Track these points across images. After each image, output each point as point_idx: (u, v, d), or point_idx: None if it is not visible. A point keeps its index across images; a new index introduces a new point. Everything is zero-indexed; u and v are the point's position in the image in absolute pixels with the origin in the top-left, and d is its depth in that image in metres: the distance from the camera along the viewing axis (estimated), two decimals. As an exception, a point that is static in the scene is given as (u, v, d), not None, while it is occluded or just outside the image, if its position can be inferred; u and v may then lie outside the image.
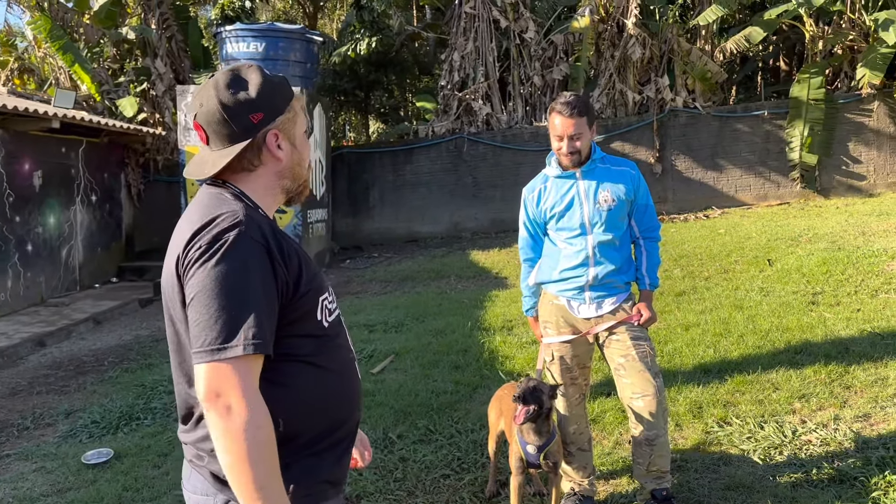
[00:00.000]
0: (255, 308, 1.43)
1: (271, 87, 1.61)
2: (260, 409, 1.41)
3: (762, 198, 13.55)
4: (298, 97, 1.67)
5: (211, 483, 1.53)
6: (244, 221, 1.49)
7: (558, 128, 3.15)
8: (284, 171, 1.66)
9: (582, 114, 3.12)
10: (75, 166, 11.37)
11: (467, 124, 14.36)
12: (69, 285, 11.10)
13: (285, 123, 1.64)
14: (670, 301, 7.00)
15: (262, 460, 1.39)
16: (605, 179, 3.22)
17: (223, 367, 1.40)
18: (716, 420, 4.18)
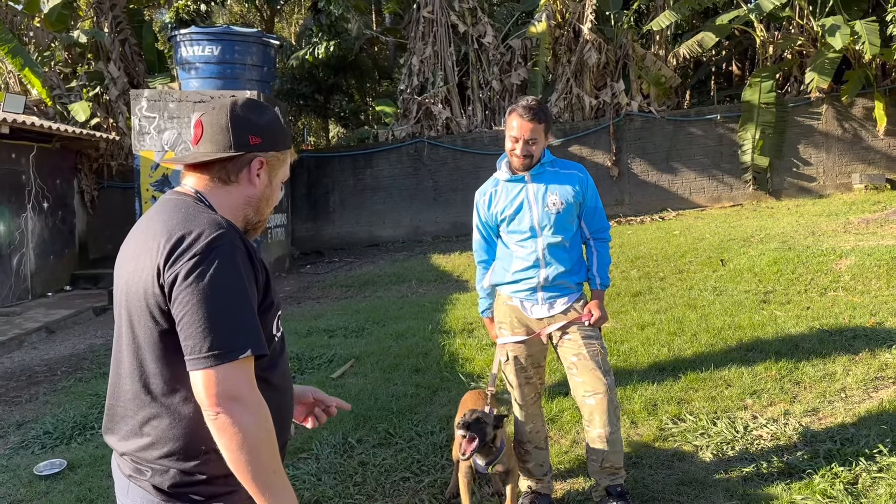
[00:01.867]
0: (249, 311, 1.52)
1: (279, 127, 1.74)
2: (264, 404, 1.52)
3: (716, 200, 13.84)
4: (292, 153, 1.80)
5: (154, 496, 1.55)
6: (229, 230, 1.55)
7: (516, 129, 3.19)
8: (252, 200, 1.71)
9: (541, 120, 3.18)
10: (26, 172, 11.10)
11: (427, 128, 14.41)
12: (21, 294, 10.82)
13: (273, 160, 1.73)
14: (626, 301, 7.11)
15: (270, 451, 1.50)
16: (553, 183, 3.28)
17: (235, 369, 1.47)
18: (670, 417, 4.26)
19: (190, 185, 1.68)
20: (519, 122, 3.17)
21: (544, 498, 3.39)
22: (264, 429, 1.49)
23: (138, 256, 1.57)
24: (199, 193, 1.66)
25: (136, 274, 1.56)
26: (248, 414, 1.46)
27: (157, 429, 1.55)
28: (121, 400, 1.61)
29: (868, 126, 13.42)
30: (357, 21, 16.98)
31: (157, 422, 1.55)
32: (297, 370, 5.95)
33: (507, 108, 14.41)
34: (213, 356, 1.45)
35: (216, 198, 1.66)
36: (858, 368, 4.72)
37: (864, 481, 3.31)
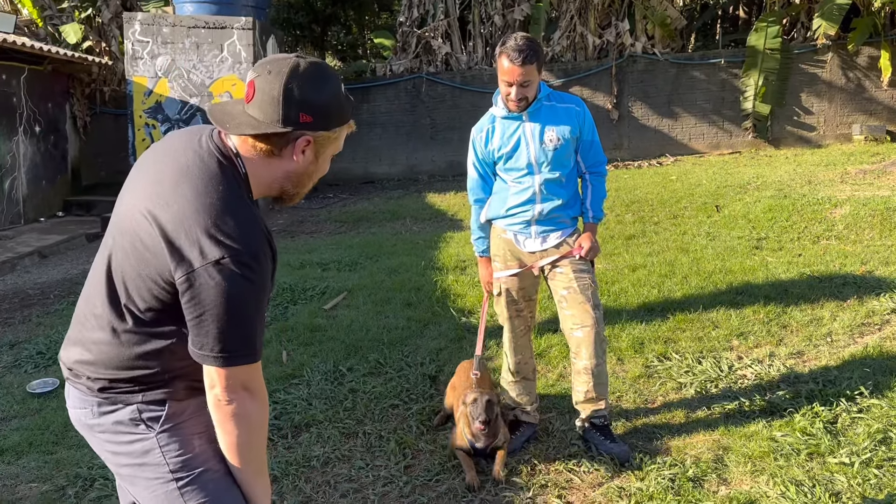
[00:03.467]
0: (263, 317, 1.60)
1: (336, 105, 1.63)
2: (266, 404, 1.65)
3: (715, 146, 13.75)
4: (350, 125, 1.70)
5: (86, 392, 1.65)
6: (260, 229, 1.56)
7: (507, 73, 3.10)
8: (292, 175, 1.65)
9: (532, 61, 3.06)
10: (17, 95, 10.91)
11: (426, 63, 14.16)
12: (13, 218, 10.77)
13: (323, 139, 1.64)
14: (619, 244, 7.13)
15: (261, 444, 1.67)
16: (550, 120, 3.23)
17: (251, 368, 1.58)
18: (656, 355, 4.32)
19: (233, 143, 1.62)
20: (510, 66, 3.07)
21: (529, 427, 3.46)
22: (265, 420, 1.64)
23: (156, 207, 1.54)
24: (239, 158, 1.61)
25: (147, 228, 1.54)
26: (257, 405, 1.59)
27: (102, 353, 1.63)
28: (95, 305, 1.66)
29: (872, 76, 13.25)
30: (358, -51, 16.49)
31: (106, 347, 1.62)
32: (289, 301, 5.99)
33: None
34: (226, 358, 1.52)
35: (255, 167, 1.62)
36: (845, 314, 4.77)
37: (843, 421, 3.38)
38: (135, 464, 1.64)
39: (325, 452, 3.41)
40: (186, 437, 1.65)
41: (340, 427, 3.66)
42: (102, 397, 1.64)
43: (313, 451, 3.43)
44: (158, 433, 1.63)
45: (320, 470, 3.28)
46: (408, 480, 3.14)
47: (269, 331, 5.19)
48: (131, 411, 1.63)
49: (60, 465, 3.42)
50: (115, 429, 1.64)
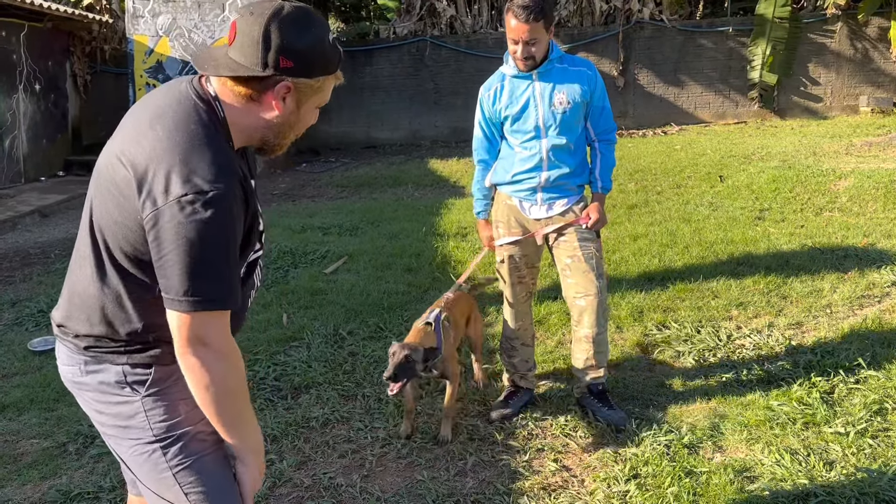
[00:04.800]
0: (231, 264, 1.51)
1: (320, 52, 1.56)
2: (237, 353, 1.57)
3: (720, 116, 13.64)
4: (337, 76, 1.63)
5: (73, 350, 1.65)
6: (232, 170, 1.49)
7: (514, 31, 3.04)
8: (273, 125, 1.59)
9: (538, 18, 2.99)
10: (17, 52, 10.80)
11: (430, 26, 13.98)
12: (13, 177, 10.74)
13: (305, 87, 1.57)
14: (622, 213, 7.11)
15: (243, 397, 1.60)
16: (561, 81, 3.17)
17: (208, 316, 1.49)
18: (655, 324, 4.33)
19: (212, 88, 1.57)
20: (516, 24, 3.01)
21: (527, 392, 3.48)
22: (234, 375, 1.55)
23: (128, 147, 1.51)
24: (218, 101, 1.56)
25: (120, 170, 1.50)
26: (217, 360, 1.51)
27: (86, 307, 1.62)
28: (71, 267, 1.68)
29: (881, 47, 13.10)
30: None
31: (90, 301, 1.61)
32: (290, 264, 5.99)
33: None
34: (189, 302, 1.45)
35: (234, 113, 1.56)
36: (846, 286, 4.77)
37: (840, 391, 3.39)
38: (119, 426, 1.63)
39: (325, 414, 3.43)
40: (172, 401, 1.62)
41: (339, 389, 3.69)
42: (89, 356, 1.62)
43: (312, 412, 3.46)
44: (144, 397, 1.61)
45: (319, 431, 3.31)
46: (405, 442, 3.17)
47: (270, 293, 5.20)
48: (117, 373, 1.61)
49: (61, 422, 3.45)
50: (101, 388, 1.62)
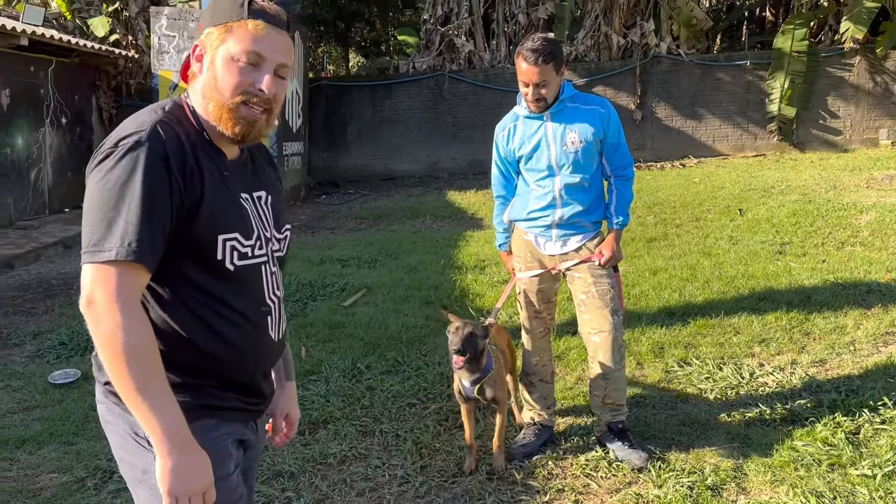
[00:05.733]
0: (138, 216, 1.38)
1: (221, 3, 1.53)
2: (131, 315, 1.38)
3: (739, 149, 13.61)
4: (253, 24, 1.50)
5: (100, 389, 1.58)
6: (147, 131, 1.43)
7: (524, 74, 3.10)
8: (203, 90, 1.54)
9: (548, 61, 3.04)
10: (45, 86, 11.04)
11: (449, 61, 14.15)
12: (38, 208, 10.91)
13: (211, 38, 1.52)
14: (641, 247, 7.08)
15: (138, 365, 1.38)
16: (573, 121, 3.20)
17: (99, 269, 1.38)
18: (676, 360, 4.29)
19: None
20: (526, 67, 3.06)
21: (547, 430, 3.44)
22: (123, 342, 1.36)
23: None
24: (187, 94, 1.59)
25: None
26: (103, 321, 1.37)
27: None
28: None
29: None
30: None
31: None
32: (309, 297, 6.01)
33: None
34: (85, 253, 1.39)
35: (192, 96, 1.57)
36: (870, 323, 4.70)
37: (865, 432, 3.33)
38: (134, 478, 1.56)
39: (342, 450, 3.41)
40: None
41: (357, 425, 3.67)
42: (112, 400, 1.54)
43: (330, 448, 3.44)
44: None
45: (337, 468, 3.29)
46: (424, 480, 3.14)
47: (288, 326, 5.21)
48: (131, 424, 1.50)
49: (80, 457, 3.45)
50: (121, 434, 1.55)
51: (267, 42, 1.51)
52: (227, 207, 1.52)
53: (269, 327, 1.64)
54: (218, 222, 1.50)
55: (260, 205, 1.62)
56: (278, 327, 1.68)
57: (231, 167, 1.58)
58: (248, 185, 1.62)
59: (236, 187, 1.57)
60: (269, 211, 1.65)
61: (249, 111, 1.52)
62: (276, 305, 1.67)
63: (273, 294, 1.65)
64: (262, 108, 1.54)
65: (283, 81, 1.57)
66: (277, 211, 1.69)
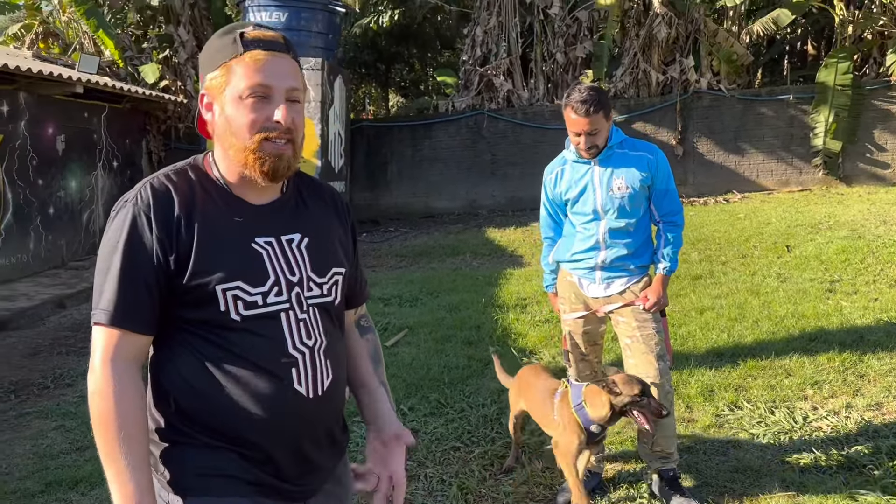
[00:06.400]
0: (117, 280, 1.40)
1: (212, 47, 1.49)
2: (110, 379, 1.38)
3: (784, 183, 13.41)
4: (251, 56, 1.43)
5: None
6: (135, 191, 1.46)
7: (574, 125, 3.12)
8: (221, 139, 1.49)
9: (597, 110, 3.06)
10: (97, 132, 11.45)
11: (488, 100, 14.28)
12: (89, 249, 11.23)
13: (213, 86, 1.47)
14: (686, 284, 6.98)
15: (104, 431, 1.37)
16: (620, 167, 3.20)
17: (94, 331, 1.42)
18: (726, 403, 4.19)
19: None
20: (576, 118, 3.09)
21: (595, 476, 3.38)
22: (99, 405, 1.37)
23: None
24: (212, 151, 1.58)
25: None
26: (89, 381, 1.40)
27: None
28: None
29: (952, 112, 12.76)
30: (422, -11, 16.86)
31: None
32: (351, 336, 6.03)
33: (570, 81, 14.14)
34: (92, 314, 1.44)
35: (214, 147, 1.55)
36: (928, 365, 4.55)
37: (929, 481, 3.20)
38: None
39: (387, 494, 3.39)
40: None
41: (402, 468, 3.65)
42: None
43: (375, 492, 3.42)
44: None
45: (382, 512, 3.27)
46: (470, 527, 3.11)
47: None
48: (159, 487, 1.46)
49: (131, 498, 3.49)
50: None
51: (270, 70, 1.44)
52: (227, 256, 1.45)
53: (297, 381, 1.48)
54: (213, 272, 1.43)
55: (290, 248, 1.52)
56: (314, 382, 1.50)
57: (250, 212, 1.51)
58: (276, 229, 1.52)
59: (251, 233, 1.49)
60: (303, 254, 1.53)
61: (273, 146, 1.46)
62: (308, 356, 1.50)
63: (301, 343, 1.50)
64: (284, 140, 1.47)
65: (298, 105, 1.50)
66: (321, 253, 1.56)
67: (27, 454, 4.13)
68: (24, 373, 5.69)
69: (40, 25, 14.58)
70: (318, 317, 1.53)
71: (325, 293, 1.55)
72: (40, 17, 14.75)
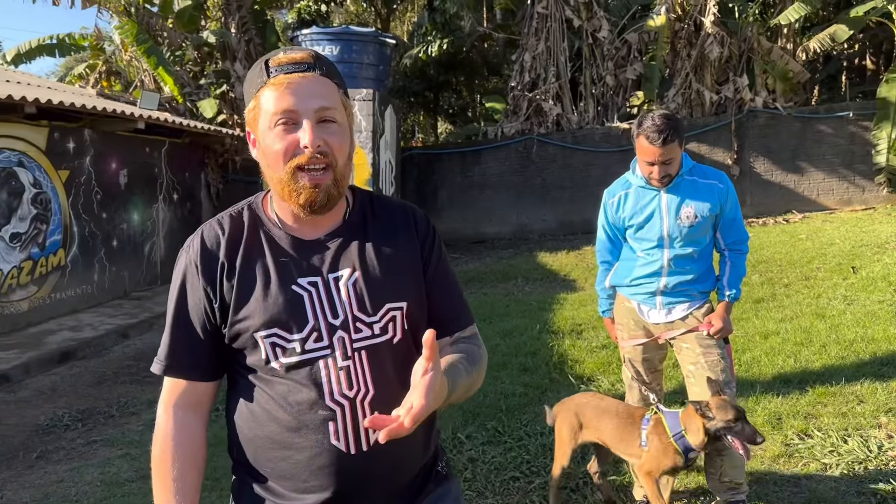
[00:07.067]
0: (170, 332, 1.46)
1: (247, 76, 1.44)
2: (164, 425, 1.45)
3: (846, 202, 13.01)
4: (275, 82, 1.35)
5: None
6: (195, 237, 1.47)
7: (648, 153, 3.00)
8: (265, 173, 1.43)
9: (672, 139, 2.94)
10: (158, 165, 11.82)
11: (537, 125, 14.28)
12: (151, 279, 11.54)
13: (249, 116, 1.42)
14: (748, 308, 6.80)
15: (154, 472, 1.45)
16: (690, 195, 3.11)
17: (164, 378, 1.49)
18: (796, 432, 4.03)
19: None
20: (650, 147, 2.97)
21: (661, 508, 3.28)
22: (154, 448, 1.46)
23: None
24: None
25: None
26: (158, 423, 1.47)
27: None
28: None
29: None
30: (469, 18, 17.04)
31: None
32: (406, 363, 6.03)
33: (620, 103, 14.03)
34: None
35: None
36: None
37: None
38: None
39: (447, 525, 3.35)
40: None
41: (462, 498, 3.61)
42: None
43: (435, 523, 3.38)
44: None
45: (443, 544, 3.22)
46: (533, 560, 3.04)
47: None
48: None
49: (194, 526, 3.53)
50: None
51: (294, 93, 1.34)
52: (266, 301, 1.39)
53: (334, 436, 1.37)
54: (251, 319, 1.38)
55: (336, 287, 1.40)
56: (355, 436, 1.38)
57: (299, 250, 1.43)
58: (323, 267, 1.41)
59: (294, 274, 1.40)
60: (350, 292, 1.40)
61: (308, 175, 1.35)
62: (348, 409, 1.37)
63: (340, 394, 1.37)
64: (321, 166, 1.35)
65: (332, 126, 1.37)
66: (374, 288, 1.42)
67: (95, 481, 4.22)
68: (91, 401, 5.84)
69: (103, 65, 15.23)
70: (366, 362, 1.39)
71: (379, 332, 1.41)
72: (103, 56, 15.42)
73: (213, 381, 1.48)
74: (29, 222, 8.67)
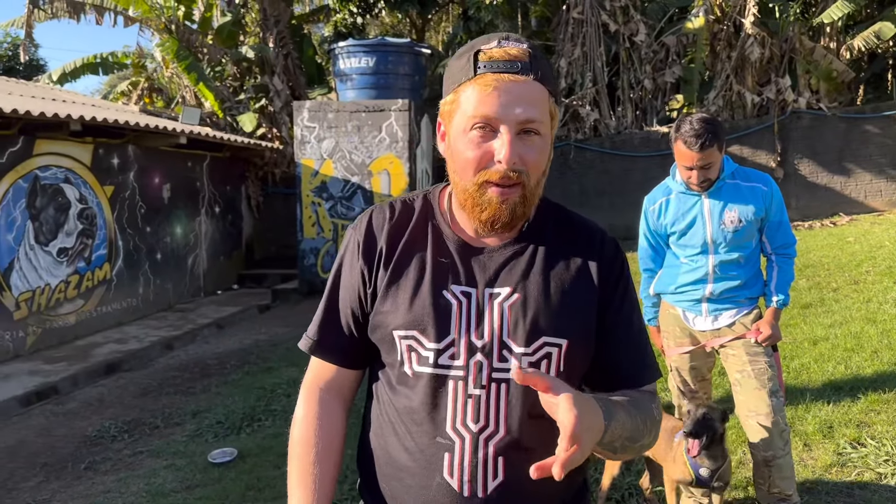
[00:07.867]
0: (322, 310, 1.40)
1: (448, 69, 1.29)
2: (304, 405, 1.40)
3: (895, 204, 12.63)
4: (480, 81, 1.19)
5: None
6: (364, 215, 1.39)
7: (686, 158, 2.93)
8: (449, 170, 1.30)
9: (712, 143, 2.86)
10: (200, 179, 12.04)
11: (574, 131, 14.18)
12: (194, 292, 11.74)
13: (446, 111, 1.27)
14: (796, 314, 6.63)
15: (290, 455, 1.37)
16: (732, 199, 3.03)
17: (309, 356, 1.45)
18: (848, 441, 3.91)
19: None
20: (689, 152, 2.89)
21: (709, 521, 3.20)
22: (292, 429, 1.39)
23: None
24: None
25: None
26: (299, 401, 1.42)
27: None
28: None
29: None
30: (505, 26, 17.02)
31: None
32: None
33: (659, 107, 13.86)
34: None
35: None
36: None
37: None
38: None
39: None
40: None
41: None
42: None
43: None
44: None
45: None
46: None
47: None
48: None
49: (238, 536, 3.56)
50: None
51: (497, 98, 1.18)
52: (413, 299, 1.27)
53: (447, 470, 1.23)
54: (393, 314, 1.28)
55: (490, 304, 1.26)
56: (471, 477, 1.22)
57: (463, 253, 1.30)
58: (483, 278, 1.28)
59: (450, 278, 1.28)
60: (505, 313, 1.25)
61: (496, 191, 1.22)
62: (468, 443, 1.22)
63: (462, 424, 1.23)
64: (510, 183, 1.22)
65: (534, 139, 1.22)
66: (534, 315, 1.25)
67: (140, 492, 4.28)
68: (136, 412, 5.94)
69: (146, 81, 15.59)
70: (503, 397, 1.23)
71: (527, 367, 1.19)
72: (145, 73, 15.78)
73: (357, 371, 1.42)
74: (75, 237, 8.89)
